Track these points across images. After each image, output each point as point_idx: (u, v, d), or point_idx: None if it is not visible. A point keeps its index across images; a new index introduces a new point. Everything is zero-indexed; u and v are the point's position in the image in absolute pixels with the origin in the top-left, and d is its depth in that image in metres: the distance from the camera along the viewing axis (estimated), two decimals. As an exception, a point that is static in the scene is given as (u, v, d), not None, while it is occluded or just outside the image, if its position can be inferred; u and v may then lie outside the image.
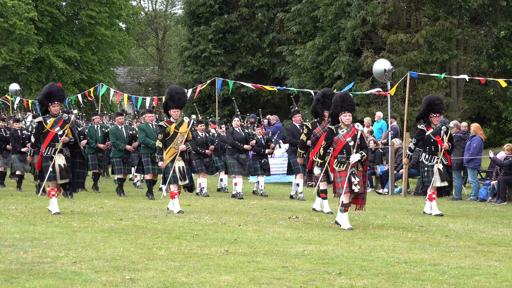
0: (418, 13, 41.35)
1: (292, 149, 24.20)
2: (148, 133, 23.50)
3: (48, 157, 18.03)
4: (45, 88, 18.35)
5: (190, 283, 10.57)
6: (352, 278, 11.21)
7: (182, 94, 19.26)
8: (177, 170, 18.86)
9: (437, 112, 20.02)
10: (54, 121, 18.02)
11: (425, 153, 20.26)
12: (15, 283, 10.34)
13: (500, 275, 11.62)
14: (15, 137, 25.78)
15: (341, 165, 16.66)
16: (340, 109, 16.77)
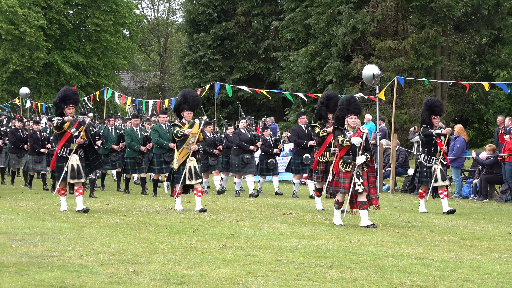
0: (405, 21, 41.39)
1: (296, 149, 24.06)
2: (161, 134, 23.26)
3: (63, 157, 17.81)
4: (61, 92, 18.20)
5: (190, 275, 10.57)
6: (342, 270, 11.21)
7: (195, 97, 19.04)
8: (187, 171, 18.54)
9: (437, 114, 19.85)
10: (70, 123, 17.73)
11: (424, 154, 20.02)
12: (25, 275, 10.34)
13: (482, 268, 11.63)
14: (34, 139, 25.43)
15: (346, 165, 16.38)
16: (346, 111, 16.53)
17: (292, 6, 46.46)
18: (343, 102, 16.73)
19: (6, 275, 10.38)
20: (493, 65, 41.63)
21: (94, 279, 10.18)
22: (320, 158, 19.37)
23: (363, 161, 16.18)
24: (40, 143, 25.41)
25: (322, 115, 19.65)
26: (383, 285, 10.22)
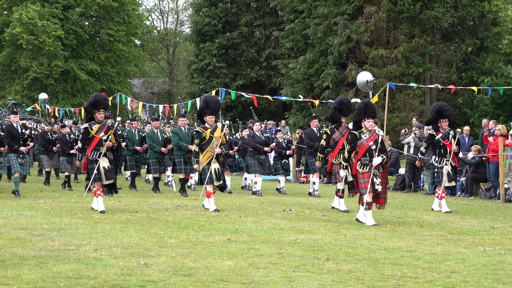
0: (396, 31, 41.37)
1: (309, 151, 23.82)
2: (181, 136, 23.06)
3: (93, 160, 17.48)
4: (91, 97, 17.83)
5: (197, 268, 10.57)
6: (338, 263, 11.21)
7: (216, 102, 18.71)
8: (213, 172, 18.21)
9: (445, 117, 19.56)
10: (99, 127, 17.47)
11: (435, 156, 19.71)
12: (43, 268, 10.34)
13: (468, 260, 11.62)
14: (64, 141, 25.20)
15: (364, 167, 16.13)
16: (363, 115, 16.27)
17: (291, 17, 46.46)
18: (360, 106, 16.50)
19: (26, 267, 10.38)
20: (478, 72, 41.69)
21: (108, 271, 10.19)
22: (334, 160, 19.13)
23: (380, 162, 16.01)
24: (69, 145, 25.18)
25: (335, 118, 19.45)
26: (376, 277, 10.22)
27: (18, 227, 14.93)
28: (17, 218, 16.40)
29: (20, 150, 21.44)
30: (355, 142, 16.27)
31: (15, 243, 12.60)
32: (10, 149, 21.31)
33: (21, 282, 9.40)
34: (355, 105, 33.18)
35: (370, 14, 40.56)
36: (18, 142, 21.38)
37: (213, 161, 18.21)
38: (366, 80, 30.08)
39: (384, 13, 40.34)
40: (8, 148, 21.20)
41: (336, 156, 18.96)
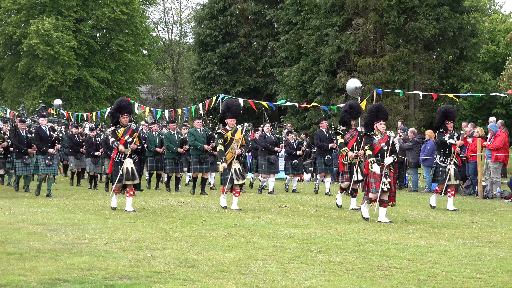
0: (382, 41, 41.34)
1: (319, 151, 23.59)
2: (197, 137, 22.94)
3: (119, 162, 17.17)
4: (116, 103, 17.58)
5: (200, 260, 10.57)
6: (330, 255, 11.21)
7: (238, 106, 18.41)
8: (234, 172, 17.86)
9: (451, 119, 19.21)
10: (124, 130, 17.18)
11: (439, 155, 19.38)
12: (58, 260, 10.33)
13: (449, 252, 11.63)
14: (90, 144, 25.09)
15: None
16: (375, 118, 16.01)
17: (286, 29, 46.46)
18: (372, 109, 16.28)
19: (42, 259, 10.38)
20: (458, 79, 41.71)
21: (117, 263, 10.18)
22: (344, 160, 18.74)
23: (391, 162, 15.69)
24: (94, 147, 25.06)
25: (345, 121, 18.94)
26: (364, 267, 10.21)
27: (35, 222, 14.93)
28: (34, 214, 16.40)
29: (48, 151, 21.12)
30: (369, 143, 15.96)
31: (32, 237, 12.60)
32: (39, 150, 21.06)
33: (37, 273, 9.40)
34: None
35: (359, 26, 40.55)
36: (46, 144, 21.09)
37: (234, 161, 17.92)
38: (355, 87, 30.11)
39: (371, 24, 40.31)
40: (37, 149, 21.03)
41: (346, 157, 18.63)
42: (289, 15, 45.78)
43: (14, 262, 10.17)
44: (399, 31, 40.21)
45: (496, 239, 13.54)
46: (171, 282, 8.99)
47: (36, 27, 54.59)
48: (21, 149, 21.41)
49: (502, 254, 11.54)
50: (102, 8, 57.60)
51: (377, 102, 16.62)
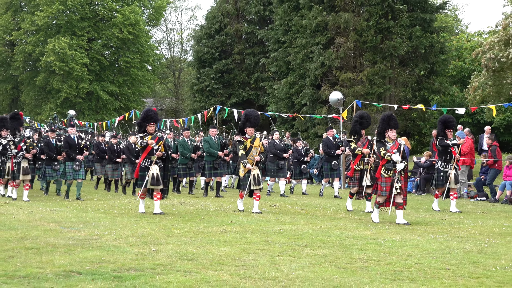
0: (361, 58, 41.41)
1: (326, 157, 23.15)
2: (211, 144, 22.39)
3: (145, 167, 16.58)
4: (143, 113, 17.12)
5: (198, 253, 10.55)
6: (315, 249, 11.20)
7: (256, 116, 17.57)
8: (252, 178, 17.09)
9: (450, 128, 18.47)
10: (150, 138, 16.54)
11: (441, 161, 18.73)
12: (72, 254, 10.31)
13: (421, 246, 11.63)
14: (112, 150, 24.53)
15: (388, 171, 15.22)
16: (387, 126, 15.55)
17: (275, 47, 46.51)
18: (384, 118, 15.76)
19: (58, 253, 10.35)
20: (429, 91, 41.77)
21: (125, 256, 10.15)
22: (356, 166, 18.06)
23: (402, 168, 15.15)
24: (116, 154, 24.52)
25: (356, 131, 18.42)
26: (346, 260, 10.20)
27: (50, 220, 14.90)
28: (50, 213, 16.37)
29: (76, 158, 20.69)
30: (383, 146, 15.45)
31: (48, 234, 12.57)
32: (68, 157, 20.61)
33: (53, 266, 9.37)
34: (329, 118, 33.20)
35: (340, 44, 40.63)
36: (74, 151, 20.66)
37: (253, 167, 17.23)
38: (337, 98, 30.14)
39: (351, 43, 40.39)
40: (66, 156, 20.67)
41: (358, 163, 18.02)
42: (278, 35, 45.86)
43: (32, 256, 10.15)
44: (376, 49, 40.32)
45: (463, 234, 13.54)
46: (173, 274, 8.98)
47: (52, 46, 54.64)
48: (51, 156, 21.16)
49: (468, 248, 11.55)
50: (111, 29, 57.65)
51: (388, 112, 15.85)
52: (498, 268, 9.70)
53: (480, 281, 8.79)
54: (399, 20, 40.13)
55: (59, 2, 55.61)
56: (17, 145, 19.92)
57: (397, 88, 41.38)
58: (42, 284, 8.29)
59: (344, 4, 40.92)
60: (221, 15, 54.53)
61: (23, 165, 19.94)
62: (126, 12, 57.42)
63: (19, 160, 19.94)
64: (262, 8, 52.72)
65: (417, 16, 40.33)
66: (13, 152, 19.95)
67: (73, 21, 56.95)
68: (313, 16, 41.26)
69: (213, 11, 55.33)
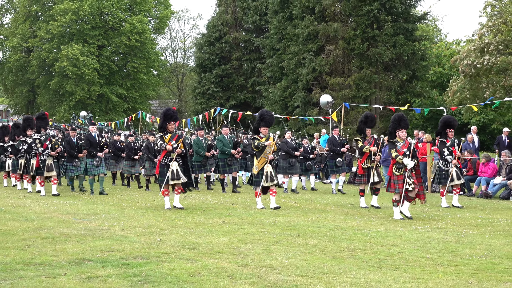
0: (349, 64, 41.43)
1: (331, 154, 22.62)
2: (224, 143, 21.87)
3: (165, 164, 16.14)
4: (163, 112, 16.54)
5: (200, 243, 10.55)
6: (306, 239, 11.20)
7: (271, 116, 16.95)
8: (265, 175, 16.35)
9: (451, 128, 17.86)
10: (171, 136, 16.15)
11: (442, 160, 18.05)
12: (83, 243, 10.31)
13: (404, 236, 11.64)
14: (130, 148, 23.90)
15: (399, 170, 14.80)
16: (398, 126, 15.04)
17: (270, 53, 46.50)
18: (395, 119, 15.31)
19: (70, 243, 10.36)
20: (411, 94, 41.82)
21: (132, 245, 10.16)
22: (363, 164, 17.61)
23: (412, 165, 14.68)
24: (133, 152, 23.91)
25: (362, 130, 17.91)
26: (334, 249, 10.21)
27: (64, 212, 14.90)
28: (64, 206, 16.37)
29: (97, 155, 20.31)
30: (394, 147, 15.00)
31: (62, 225, 12.57)
32: (89, 154, 20.23)
33: (66, 254, 9.38)
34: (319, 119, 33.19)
35: (330, 51, 40.64)
36: (95, 149, 20.28)
37: (266, 165, 16.53)
38: (327, 101, 30.18)
39: (340, 50, 40.39)
40: (87, 153, 20.26)
41: (365, 162, 17.59)
42: (273, 43, 45.87)
43: (47, 245, 10.15)
44: (363, 56, 40.32)
45: (442, 225, 13.56)
46: (176, 261, 8.98)
47: (66, 52, 54.63)
48: (72, 154, 20.81)
49: (447, 238, 11.55)
50: (120, 37, 57.62)
51: (399, 113, 15.51)
52: (474, 256, 9.71)
53: (457, 269, 8.81)
54: (383, 29, 40.13)
55: (72, 12, 55.57)
56: (43, 143, 19.57)
57: (381, 92, 41.42)
58: (56, 271, 8.29)
59: (333, 14, 40.94)
60: (220, 24, 54.52)
61: (48, 162, 19.56)
62: (134, 22, 57.38)
63: (44, 158, 19.59)
64: (258, 18, 52.72)
65: (400, 26, 40.39)
66: (39, 150, 19.58)
67: (84, 29, 56.90)
68: (305, 26, 41.29)
69: (213, 20, 55.32)
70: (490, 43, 32.40)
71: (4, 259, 9.00)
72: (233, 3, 54.85)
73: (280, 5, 44.98)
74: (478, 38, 33.72)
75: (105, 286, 7.53)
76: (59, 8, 55.70)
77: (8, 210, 15.24)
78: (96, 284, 7.60)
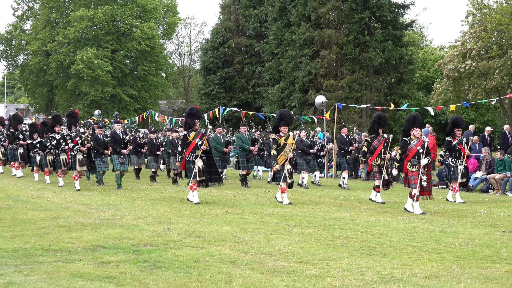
0: (342, 67, 41.44)
1: (340, 152, 22.08)
2: (243, 140, 21.53)
3: (190, 161, 15.57)
4: (187, 110, 16.15)
5: (204, 231, 10.55)
6: (302, 228, 11.20)
7: (290, 116, 16.21)
8: (287, 171, 15.73)
9: (459, 127, 17.41)
10: (195, 134, 15.62)
11: (451, 157, 17.58)
12: (97, 231, 10.30)
13: (392, 226, 11.64)
14: (152, 144, 23.10)
15: (413, 166, 14.43)
16: (412, 125, 14.58)
17: (269, 57, 46.52)
18: (410, 118, 14.72)
19: (86, 231, 10.36)
20: (399, 96, 41.83)
21: (142, 234, 10.16)
22: (373, 162, 17.03)
23: (426, 162, 14.36)
24: (156, 147, 23.20)
25: (375, 130, 17.23)
26: (328, 237, 10.21)
27: (80, 203, 14.90)
28: (80, 197, 16.37)
29: (122, 152, 19.88)
30: (406, 147, 14.68)
31: (78, 214, 12.57)
32: (114, 151, 19.80)
33: (82, 241, 9.38)
34: (315, 118, 33.14)
35: (324, 56, 40.65)
36: (120, 146, 19.86)
37: (286, 163, 15.88)
38: (322, 101, 30.10)
39: (334, 55, 40.40)
40: (112, 150, 19.83)
41: (375, 159, 17.02)
42: (272, 47, 45.88)
43: (64, 233, 10.14)
44: (355, 60, 40.34)
45: (427, 216, 13.57)
46: (183, 248, 8.98)
47: (81, 56, 54.63)
48: (99, 150, 20.29)
49: (431, 228, 11.56)
50: (131, 42, 57.57)
51: (414, 113, 14.97)
52: (456, 245, 9.72)
53: (441, 256, 8.81)
54: (374, 36, 40.13)
55: (87, 19, 55.55)
56: (73, 139, 19.07)
57: (372, 93, 41.40)
58: (72, 257, 8.29)
59: (327, 22, 40.96)
60: (224, 30, 54.51)
61: (79, 157, 18.91)
62: (144, 28, 57.34)
63: (74, 153, 19.02)
64: (258, 25, 52.69)
65: (389, 33, 40.42)
66: (69, 145, 19.05)
67: (99, 35, 56.88)
68: (302, 32, 41.33)
69: (217, 27, 55.35)
70: (472, 49, 32.40)
71: (24, 245, 9.01)
72: (236, 11, 54.84)
73: (278, 13, 45.08)
74: (461, 44, 33.70)
75: (117, 270, 7.53)
76: (76, 15, 55.68)
77: (28, 200, 15.24)
78: (109, 269, 7.60)
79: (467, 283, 7.16)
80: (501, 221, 12.99)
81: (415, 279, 7.32)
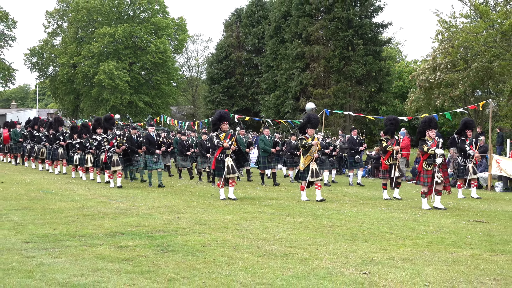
0: (329, 78, 41.44)
1: (350, 152, 21.20)
2: (266, 142, 20.82)
3: (220, 160, 14.72)
4: (217, 113, 15.23)
5: (209, 220, 10.54)
6: (295, 217, 11.19)
7: (316, 119, 15.32)
8: (311, 171, 14.82)
9: (470, 128, 16.69)
10: (225, 135, 14.92)
11: (461, 157, 16.94)
12: (117, 219, 10.29)
13: (372, 216, 11.64)
14: (182, 145, 22.20)
15: (429, 165, 13.63)
16: (428, 127, 13.71)
17: (266, 69, 46.63)
18: (425, 120, 13.92)
19: (106, 219, 10.34)
20: (378, 103, 41.93)
21: (155, 222, 10.14)
22: (386, 162, 16.11)
23: (440, 162, 13.57)
24: (186, 148, 22.29)
25: (392, 132, 16.27)
26: (317, 225, 10.20)
27: (101, 194, 14.88)
28: (101, 189, 16.35)
29: (156, 152, 18.86)
30: (425, 143, 13.73)
31: (100, 204, 12.55)
32: (148, 151, 18.73)
33: (103, 228, 9.36)
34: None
35: (314, 68, 40.68)
36: (154, 147, 18.92)
37: (312, 162, 15.05)
38: (311, 108, 30.06)
39: (322, 67, 40.42)
40: (146, 150, 18.75)
41: (388, 159, 16.08)
42: (268, 61, 45.97)
43: (88, 221, 10.13)
44: (340, 72, 40.35)
45: (402, 207, 13.56)
46: (191, 234, 8.97)
47: (103, 68, 54.55)
48: (133, 150, 19.59)
49: (406, 217, 11.56)
50: (146, 55, 57.48)
51: (430, 115, 14.28)
52: (427, 232, 9.71)
53: (414, 242, 8.80)
54: (356, 51, 40.14)
55: (109, 35, 55.56)
56: (110, 141, 18.68)
57: (354, 101, 41.41)
58: (95, 241, 8.28)
59: (316, 39, 40.99)
60: (227, 46, 54.57)
61: (114, 158, 18.51)
62: (158, 43, 57.28)
63: (111, 154, 18.57)
64: (257, 41, 52.75)
65: (370, 48, 40.44)
66: (106, 147, 18.70)
67: (119, 49, 56.82)
68: (294, 48, 41.38)
69: (221, 43, 55.44)
70: (441, 63, 32.39)
71: (53, 231, 9.00)
72: (237, 29, 54.92)
73: (274, 31, 45.23)
74: (432, 58, 33.68)
75: (134, 253, 7.52)
76: (99, 32, 55.68)
77: (57, 193, 15.22)
78: (127, 252, 7.59)
79: (437, 265, 7.16)
80: (466, 212, 13.01)
81: (392, 261, 7.32)
